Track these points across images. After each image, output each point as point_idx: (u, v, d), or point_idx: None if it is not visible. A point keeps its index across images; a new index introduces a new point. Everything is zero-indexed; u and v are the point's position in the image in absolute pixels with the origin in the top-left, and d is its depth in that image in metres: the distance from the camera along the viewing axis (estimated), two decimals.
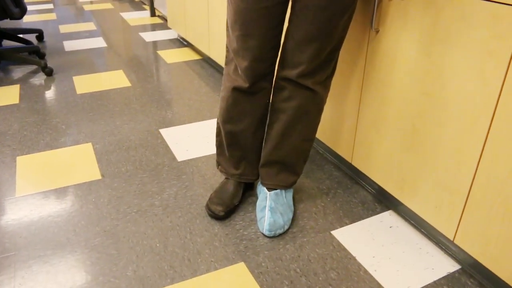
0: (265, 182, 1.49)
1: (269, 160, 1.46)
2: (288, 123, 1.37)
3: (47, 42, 3.55)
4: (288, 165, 1.46)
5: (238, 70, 1.33)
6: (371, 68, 1.41)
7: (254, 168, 1.52)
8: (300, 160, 1.47)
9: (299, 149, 1.44)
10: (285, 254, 1.34)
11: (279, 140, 1.41)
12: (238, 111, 1.40)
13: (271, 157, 1.45)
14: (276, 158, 1.44)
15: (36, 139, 2.01)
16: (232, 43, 1.31)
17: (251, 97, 1.37)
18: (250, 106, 1.39)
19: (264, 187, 1.49)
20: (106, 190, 1.64)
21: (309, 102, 1.34)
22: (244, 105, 1.39)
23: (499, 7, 0.97)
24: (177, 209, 1.54)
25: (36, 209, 1.54)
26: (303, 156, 1.47)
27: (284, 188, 1.48)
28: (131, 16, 4.46)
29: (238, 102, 1.38)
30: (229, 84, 1.37)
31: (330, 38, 1.23)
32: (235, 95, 1.37)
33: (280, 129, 1.39)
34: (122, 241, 1.39)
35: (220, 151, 1.54)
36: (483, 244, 1.15)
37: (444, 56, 1.14)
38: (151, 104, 2.39)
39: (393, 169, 1.41)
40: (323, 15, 1.18)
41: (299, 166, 1.48)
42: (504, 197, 1.06)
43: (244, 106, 1.39)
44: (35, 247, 1.36)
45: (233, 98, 1.37)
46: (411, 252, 1.35)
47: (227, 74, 1.38)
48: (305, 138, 1.42)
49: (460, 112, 1.13)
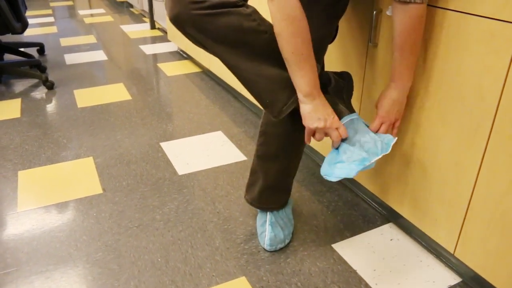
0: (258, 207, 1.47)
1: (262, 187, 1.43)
2: (281, 147, 1.34)
3: (48, 55, 3.58)
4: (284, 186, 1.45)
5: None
6: (370, 81, 1.42)
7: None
8: (291, 179, 1.45)
9: (291, 171, 1.42)
10: (286, 268, 1.34)
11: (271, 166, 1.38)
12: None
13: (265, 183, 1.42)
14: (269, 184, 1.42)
15: (37, 153, 2.02)
16: None
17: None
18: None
19: None
20: (108, 205, 1.65)
21: (297, 123, 1.29)
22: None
23: (495, 23, 0.99)
24: (178, 223, 1.54)
25: (38, 224, 1.55)
26: (293, 175, 1.44)
27: (277, 209, 1.47)
28: (131, 29, 4.49)
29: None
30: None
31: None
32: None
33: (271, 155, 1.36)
34: (123, 256, 1.40)
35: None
36: (483, 257, 1.15)
37: (441, 71, 1.15)
38: (152, 117, 2.40)
39: (392, 182, 1.42)
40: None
41: (290, 184, 1.47)
42: (503, 210, 1.07)
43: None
44: (37, 263, 1.37)
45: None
46: (412, 265, 1.35)
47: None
48: (298, 158, 1.40)
49: (458, 127, 1.14)
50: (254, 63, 1.09)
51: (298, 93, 1.09)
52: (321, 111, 1.10)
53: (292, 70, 1.06)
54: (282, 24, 1.01)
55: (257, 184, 1.44)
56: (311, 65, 1.05)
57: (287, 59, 1.05)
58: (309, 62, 1.05)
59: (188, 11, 1.01)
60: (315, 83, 1.08)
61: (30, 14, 5.32)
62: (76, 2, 6.21)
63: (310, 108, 1.10)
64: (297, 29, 1.01)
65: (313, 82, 1.07)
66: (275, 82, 1.11)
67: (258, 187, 1.43)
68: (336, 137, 1.13)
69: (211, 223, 1.54)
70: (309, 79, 1.06)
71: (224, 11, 1.02)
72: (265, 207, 1.45)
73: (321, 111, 1.10)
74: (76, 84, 2.92)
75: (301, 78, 1.06)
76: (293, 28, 1.01)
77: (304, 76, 1.06)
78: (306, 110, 1.10)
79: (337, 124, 1.13)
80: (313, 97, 1.08)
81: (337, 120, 1.13)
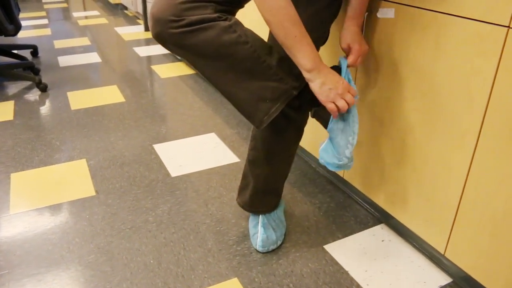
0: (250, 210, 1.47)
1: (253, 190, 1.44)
2: (270, 151, 1.34)
3: (42, 57, 3.57)
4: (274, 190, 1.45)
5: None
6: (360, 83, 1.43)
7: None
8: (281, 183, 1.46)
9: (282, 175, 1.43)
10: (278, 269, 1.35)
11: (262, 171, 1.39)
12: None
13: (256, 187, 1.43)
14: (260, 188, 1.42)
15: (30, 156, 2.01)
16: None
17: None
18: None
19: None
20: (100, 207, 1.65)
21: (287, 129, 1.31)
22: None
23: (483, 26, 1.00)
24: (170, 225, 1.54)
25: (30, 226, 1.54)
26: (284, 179, 1.45)
27: (269, 212, 1.47)
28: (126, 31, 4.49)
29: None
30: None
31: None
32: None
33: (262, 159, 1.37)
34: (116, 258, 1.40)
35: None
36: (474, 257, 1.16)
37: (432, 73, 1.16)
38: (145, 119, 2.40)
39: (384, 183, 1.43)
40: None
41: (281, 187, 1.47)
42: (492, 211, 1.08)
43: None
44: (29, 265, 1.37)
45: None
46: (403, 266, 1.36)
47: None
48: (288, 162, 1.41)
49: (448, 128, 1.15)
50: (235, 75, 1.11)
51: (304, 72, 1.11)
52: (329, 80, 1.11)
53: (291, 53, 1.08)
54: (268, 14, 1.03)
55: (248, 188, 1.44)
56: (307, 43, 1.07)
57: (283, 44, 1.07)
58: (305, 41, 1.06)
59: (167, 30, 1.04)
60: (316, 57, 1.09)
61: (24, 16, 5.30)
62: (71, 4, 6.20)
63: (320, 82, 1.11)
64: (283, 17, 1.03)
65: (313, 58, 1.08)
66: (255, 93, 1.13)
67: (249, 191, 1.44)
68: (350, 99, 1.15)
69: (204, 225, 1.55)
70: (309, 56, 1.08)
71: (202, 27, 1.04)
72: (256, 211, 1.46)
73: (330, 80, 1.12)
74: (69, 86, 2.92)
75: (302, 58, 1.08)
76: (279, 16, 1.03)
77: (304, 55, 1.07)
78: (317, 85, 1.12)
79: (348, 87, 1.15)
80: (318, 70, 1.10)
81: (347, 83, 1.15)
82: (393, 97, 1.31)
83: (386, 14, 1.26)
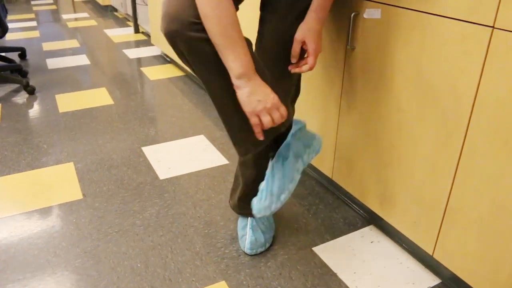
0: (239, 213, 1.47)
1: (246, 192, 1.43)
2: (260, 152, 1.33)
3: (30, 60, 3.54)
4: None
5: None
6: (348, 85, 1.42)
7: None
8: None
9: None
10: (267, 272, 1.34)
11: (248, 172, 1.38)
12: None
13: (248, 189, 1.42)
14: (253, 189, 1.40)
15: (17, 159, 1.99)
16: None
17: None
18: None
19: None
20: (88, 210, 1.63)
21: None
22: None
23: (467, 26, 0.99)
24: (158, 228, 1.53)
25: (16, 231, 1.52)
26: None
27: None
28: (115, 33, 4.46)
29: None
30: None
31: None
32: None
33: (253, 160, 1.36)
34: (103, 261, 1.38)
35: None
36: (462, 258, 1.16)
37: (418, 73, 1.16)
38: (134, 121, 2.39)
39: (372, 184, 1.43)
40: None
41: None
42: (479, 211, 1.07)
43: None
44: (14, 271, 1.35)
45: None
46: (392, 267, 1.36)
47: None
48: None
49: (435, 128, 1.14)
50: (236, 98, 1.08)
51: (233, 79, 1.04)
52: (259, 92, 1.05)
53: (223, 54, 1.01)
54: (207, 7, 0.98)
55: (237, 190, 1.44)
56: (241, 47, 1.01)
57: (216, 44, 1.01)
58: (239, 44, 1.01)
59: (185, 32, 1.00)
60: (248, 64, 1.03)
61: (12, 19, 5.27)
62: (60, 6, 6.16)
63: (248, 91, 1.04)
64: (222, 12, 0.98)
65: (245, 63, 1.02)
66: (249, 123, 1.11)
67: (238, 193, 1.43)
68: (278, 118, 1.08)
69: (192, 228, 1.54)
70: (241, 60, 1.01)
71: None
72: (244, 213, 1.45)
73: (260, 92, 1.05)
74: (58, 89, 2.90)
75: (233, 61, 1.01)
76: (218, 11, 0.98)
77: (237, 58, 1.01)
78: (245, 94, 1.05)
79: (278, 104, 1.08)
80: (248, 78, 1.03)
81: (277, 99, 1.08)
82: (380, 98, 1.31)
83: (373, 14, 1.26)
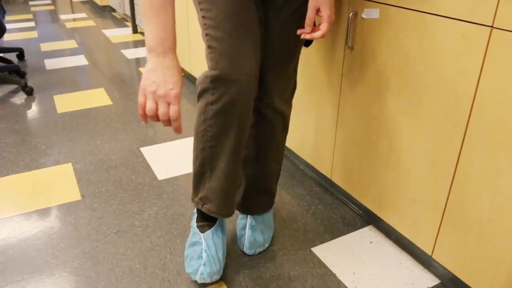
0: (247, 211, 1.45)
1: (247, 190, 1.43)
2: (262, 149, 1.35)
3: (28, 60, 3.54)
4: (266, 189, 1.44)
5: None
6: (347, 85, 1.42)
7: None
8: (274, 182, 1.45)
9: (274, 172, 1.42)
10: (266, 273, 1.33)
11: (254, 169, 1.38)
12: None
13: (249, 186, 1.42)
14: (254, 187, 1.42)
15: (15, 160, 1.99)
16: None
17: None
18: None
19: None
20: (86, 211, 1.63)
21: (278, 124, 1.32)
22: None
23: (466, 25, 0.99)
24: (157, 229, 1.53)
25: (14, 232, 1.52)
26: (276, 177, 1.45)
27: (265, 211, 1.47)
28: (113, 33, 4.46)
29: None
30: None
31: (293, 55, 1.24)
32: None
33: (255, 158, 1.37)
34: (101, 263, 1.38)
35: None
36: (461, 259, 1.16)
37: (416, 73, 1.15)
38: (133, 122, 2.38)
39: (371, 184, 1.43)
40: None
41: (275, 186, 1.46)
42: (478, 211, 1.07)
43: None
44: (13, 272, 1.34)
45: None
46: (391, 268, 1.35)
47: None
48: (278, 160, 1.41)
49: (434, 128, 1.14)
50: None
51: (147, 50, 0.98)
52: (160, 74, 0.96)
53: (144, 22, 0.96)
54: None
55: (240, 188, 1.43)
56: (161, 20, 0.95)
57: (142, 12, 0.97)
58: (160, 17, 0.94)
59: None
60: (163, 41, 0.96)
61: (10, 19, 5.26)
62: (58, 7, 6.16)
63: (150, 67, 0.97)
64: None
65: (159, 39, 0.95)
66: (231, 176, 1.21)
67: (242, 191, 1.42)
68: (163, 113, 0.97)
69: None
70: (156, 34, 0.95)
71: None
72: (248, 211, 1.44)
73: (160, 74, 0.96)
74: (56, 89, 2.89)
75: (148, 32, 0.96)
76: None
77: (152, 30, 0.95)
78: (146, 68, 0.97)
79: (172, 99, 0.97)
80: (157, 55, 0.96)
81: (175, 94, 0.96)
82: (379, 98, 1.30)
83: (371, 14, 1.26)
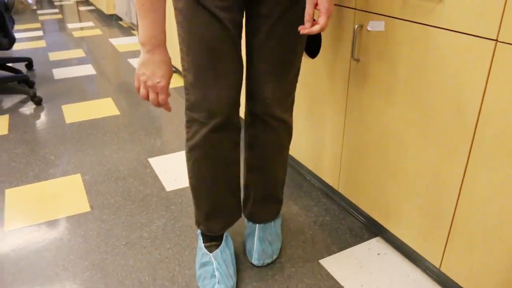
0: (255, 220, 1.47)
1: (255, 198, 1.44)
2: (267, 157, 1.35)
3: (37, 70, 3.57)
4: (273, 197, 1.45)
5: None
6: (353, 96, 1.43)
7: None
8: (280, 189, 1.46)
9: (279, 180, 1.43)
10: (274, 285, 1.34)
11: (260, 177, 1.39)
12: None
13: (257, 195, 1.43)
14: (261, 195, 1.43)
15: (25, 171, 2.01)
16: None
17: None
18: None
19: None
20: (95, 223, 1.64)
21: (282, 132, 1.32)
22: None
23: (470, 39, 1.00)
24: (165, 241, 1.54)
25: (25, 243, 1.54)
26: (282, 184, 1.46)
27: (273, 219, 1.48)
28: (120, 42, 4.49)
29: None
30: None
31: (292, 62, 1.23)
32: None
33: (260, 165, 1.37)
34: (111, 275, 1.39)
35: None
36: (468, 271, 1.16)
37: (422, 85, 1.16)
38: (140, 132, 2.40)
39: (378, 196, 1.43)
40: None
41: (281, 193, 1.47)
42: (485, 223, 1.08)
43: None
44: (23, 284, 1.36)
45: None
46: (398, 280, 1.36)
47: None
48: (284, 167, 1.41)
49: (440, 141, 1.15)
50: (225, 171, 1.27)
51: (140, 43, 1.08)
52: (150, 67, 1.07)
53: (138, 19, 1.05)
54: None
55: (250, 197, 1.44)
56: (151, 19, 1.03)
57: (136, 9, 1.05)
58: (149, 16, 1.03)
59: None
60: (154, 37, 1.04)
61: (19, 28, 5.31)
62: (65, 16, 6.21)
63: (142, 59, 1.07)
64: None
65: (151, 35, 1.04)
66: (217, 201, 1.32)
67: (251, 200, 1.43)
68: (153, 99, 1.10)
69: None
70: (147, 31, 1.04)
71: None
72: (257, 220, 1.45)
73: (150, 68, 1.07)
74: (64, 99, 2.92)
75: (141, 28, 1.04)
76: None
77: (145, 27, 1.03)
78: (139, 60, 1.08)
79: (158, 90, 1.09)
80: (147, 50, 1.05)
81: (161, 86, 1.09)
82: (384, 109, 1.31)
83: (376, 27, 1.27)
